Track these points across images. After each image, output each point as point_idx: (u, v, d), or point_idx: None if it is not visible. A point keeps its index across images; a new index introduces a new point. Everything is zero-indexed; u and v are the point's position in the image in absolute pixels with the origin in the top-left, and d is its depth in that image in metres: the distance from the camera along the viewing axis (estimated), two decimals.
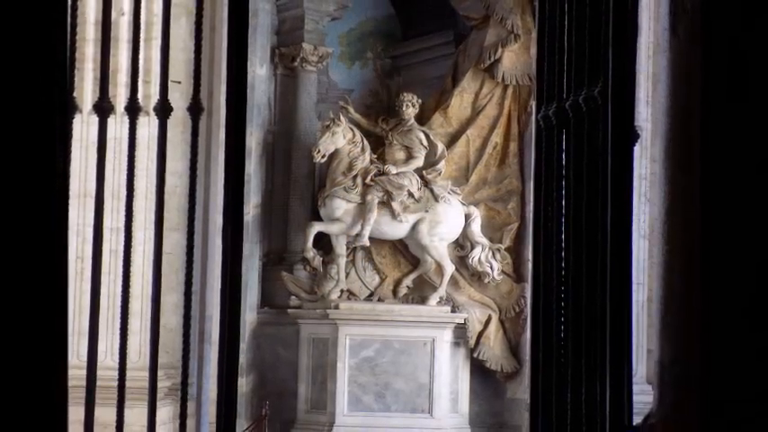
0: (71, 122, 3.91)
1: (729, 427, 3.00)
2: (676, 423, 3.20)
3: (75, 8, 4.07)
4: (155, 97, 4.36)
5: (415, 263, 12.74)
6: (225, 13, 4.38)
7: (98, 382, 4.19)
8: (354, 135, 12.55)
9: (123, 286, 4.21)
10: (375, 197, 12.45)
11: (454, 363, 12.38)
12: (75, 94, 4.10)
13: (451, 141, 12.80)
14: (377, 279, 12.75)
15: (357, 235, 12.39)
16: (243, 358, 11.96)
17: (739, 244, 3.03)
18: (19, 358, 2.90)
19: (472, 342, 12.40)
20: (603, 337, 3.53)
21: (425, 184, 12.58)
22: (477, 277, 12.58)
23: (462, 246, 12.60)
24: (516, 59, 12.54)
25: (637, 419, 3.53)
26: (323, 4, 13.36)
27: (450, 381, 12.30)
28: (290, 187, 13.09)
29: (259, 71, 12.86)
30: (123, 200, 4.24)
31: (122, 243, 4.25)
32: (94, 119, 4.25)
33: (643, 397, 5.34)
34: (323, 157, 12.46)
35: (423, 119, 12.84)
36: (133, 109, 4.20)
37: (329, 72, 13.77)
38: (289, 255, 12.97)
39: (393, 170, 12.50)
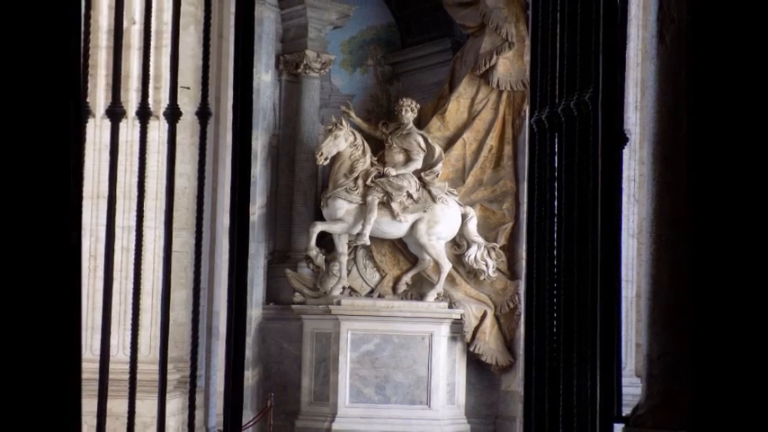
0: (85, 126, 3.98)
1: (715, 419, 3.10)
2: (664, 414, 3.29)
3: (88, 17, 4.12)
4: (165, 102, 4.42)
5: (413, 261, 12.80)
6: (232, 21, 4.45)
7: (110, 375, 4.26)
8: (356, 138, 12.63)
9: (134, 283, 4.26)
10: (375, 198, 12.51)
11: (451, 356, 12.44)
12: (88, 100, 4.18)
13: (448, 144, 12.84)
14: (377, 276, 12.81)
15: (358, 234, 12.46)
16: (249, 352, 11.99)
17: (725, 242, 3.11)
18: (35, 353, 2.89)
19: (468, 337, 12.45)
20: (594, 331, 3.62)
21: (424, 185, 12.65)
22: (473, 275, 12.63)
23: (459, 244, 12.67)
24: (510, 66, 12.57)
25: (626, 411, 3.64)
26: (325, 13, 13.39)
27: (448, 374, 12.37)
28: (294, 188, 13.13)
29: (264, 77, 12.90)
30: (134, 200, 4.29)
31: (134, 242, 4.31)
32: (107, 123, 4.32)
33: (632, 389, 5.44)
34: (325, 159, 12.54)
35: (421, 123, 12.89)
36: (144, 113, 4.26)
37: (331, 78, 13.79)
38: (293, 253, 13.02)
39: (393, 172, 12.58)
